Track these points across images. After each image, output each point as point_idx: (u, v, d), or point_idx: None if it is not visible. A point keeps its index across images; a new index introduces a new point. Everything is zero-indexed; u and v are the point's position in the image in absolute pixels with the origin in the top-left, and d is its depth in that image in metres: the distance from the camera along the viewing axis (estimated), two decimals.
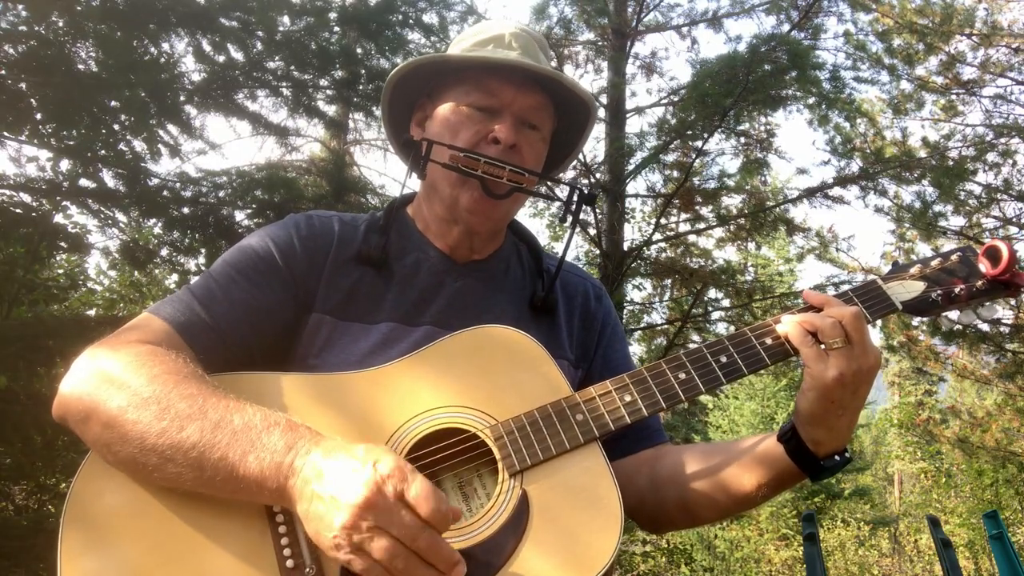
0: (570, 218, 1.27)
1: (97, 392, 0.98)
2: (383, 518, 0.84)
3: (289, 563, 0.95)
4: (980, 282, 1.20)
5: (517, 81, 1.22)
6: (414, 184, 1.34)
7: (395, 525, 0.84)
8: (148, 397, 0.95)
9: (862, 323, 1.06)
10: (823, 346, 1.05)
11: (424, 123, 1.30)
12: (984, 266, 1.20)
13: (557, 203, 1.29)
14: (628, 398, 1.10)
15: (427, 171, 1.23)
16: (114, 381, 0.97)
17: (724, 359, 1.12)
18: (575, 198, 1.25)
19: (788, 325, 1.10)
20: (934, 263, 1.23)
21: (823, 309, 1.11)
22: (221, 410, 0.94)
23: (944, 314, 1.23)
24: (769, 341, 1.13)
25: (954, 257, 1.23)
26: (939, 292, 1.20)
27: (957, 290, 1.19)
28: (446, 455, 1.06)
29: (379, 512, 0.84)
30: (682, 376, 1.11)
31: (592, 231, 7.71)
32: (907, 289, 1.20)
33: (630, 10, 8.31)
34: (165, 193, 4.41)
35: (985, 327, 8.69)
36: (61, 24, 3.82)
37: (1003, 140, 8.84)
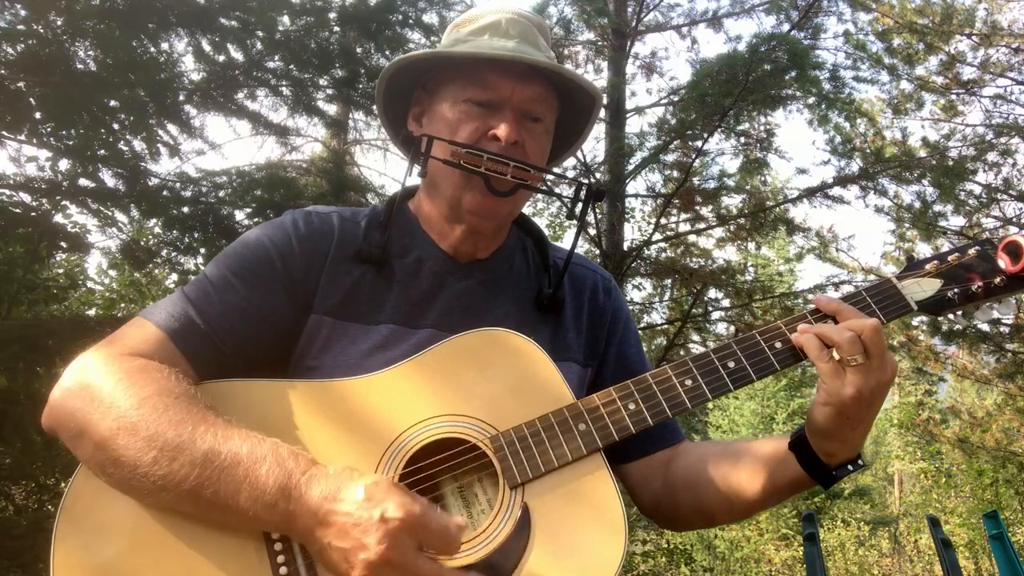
0: (578, 214, 1.22)
1: (87, 410, 0.96)
2: (401, 570, 0.85)
3: (283, 570, 0.95)
4: (999, 279, 1.15)
5: (516, 72, 1.16)
6: (415, 177, 1.30)
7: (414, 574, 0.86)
8: (137, 423, 0.93)
9: (881, 336, 1.02)
10: (840, 362, 1.02)
11: (422, 118, 1.26)
12: (1004, 262, 1.15)
13: (562, 200, 1.26)
14: (632, 407, 1.07)
15: (428, 168, 1.19)
16: (103, 401, 0.95)
17: (732, 364, 1.09)
18: (583, 195, 1.20)
19: (804, 337, 1.06)
20: (951, 258, 1.18)
21: (836, 317, 1.07)
22: (209, 439, 0.92)
23: (960, 312, 1.19)
24: (779, 345, 1.10)
25: (972, 251, 1.18)
26: (956, 290, 1.15)
27: (975, 287, 1.15)
28: (446, 465, 1.03)
29: (397, 566, 0.85)
30: (689, 383, 1.08)
31: (592, 231, 7.70)
32: (923, 288, 1.16)
33: (630, 10, 8.30)
34: (165, 193, 4.41)
35: (985, 327, 8.68)
36: (60, 23, 3.81)
37: (1003, 140, 8.84)
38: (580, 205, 1.21)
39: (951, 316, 1.21)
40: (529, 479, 1.01)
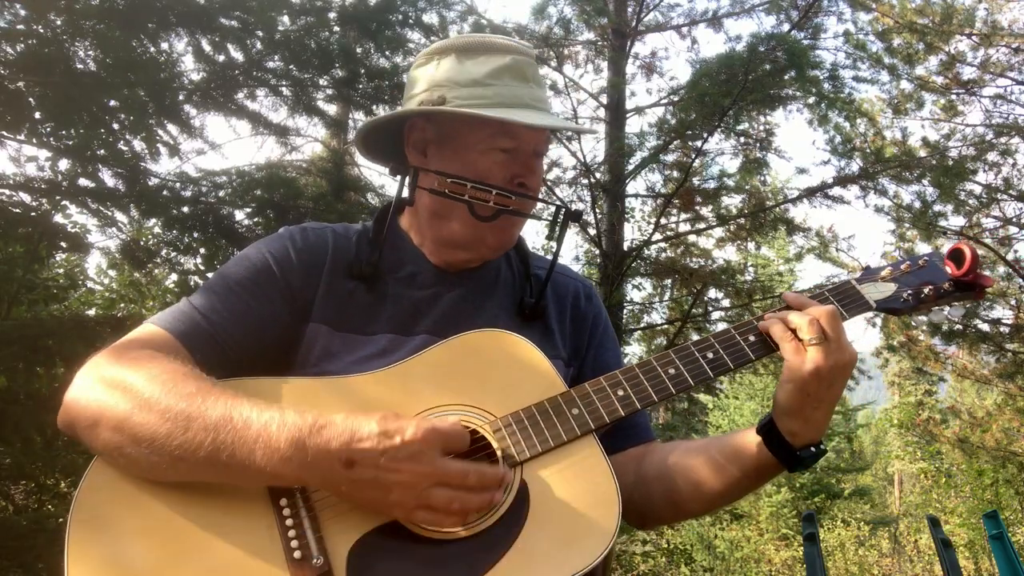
0: (557, 235, 1.32)
1: (103, 398, 1.00)
2: (433, 479, 0.95)
3: (296, 554, 0.98)
4: (946, 283, 1.26)
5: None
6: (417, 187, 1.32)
7: (445, 479, 0.95)
8: (150, 398, 0.97)
9: (838, 321, 1.12)
10: (801, 342, 1.11)
11: (425, 148, 1.27)
12: (949, 268, 1.27)
13: (571, 220, 1.32)
14: (621, 392, 1.15)
15: (434, 197, 1.24)
16: (118, 385, 1.00)
17: (711, 355, 1.19)
18: (561, 216, 1.29)
19: (768, 322, 1.16)
20: (903, 266, 1.30)
21: (800, 308, 1.16)
22: (220, 407, 0.97)
23: (916, 313, 1.30)
24: (752, 338, 1.19)
25: (921, 260, 1.30)
26: (909, 293, 1.26)
27: (926, 291, 1.26)
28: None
29: (428, 477, 0.94)
30: (672, 371, 1.17)
31: (592, 231, 7.71)
32: (879, 290, 1.27)
33: (630, 10, 8.32)
34: (165, 193, 4.41)
35: (985, 327, 8.69)
36: (60, 23, 3.80)
37: (1003, 140, 8.84)
38: (559, 225, 1.31)
39: (908, 315, 1.32)
40: (527, 458, 1.08)
